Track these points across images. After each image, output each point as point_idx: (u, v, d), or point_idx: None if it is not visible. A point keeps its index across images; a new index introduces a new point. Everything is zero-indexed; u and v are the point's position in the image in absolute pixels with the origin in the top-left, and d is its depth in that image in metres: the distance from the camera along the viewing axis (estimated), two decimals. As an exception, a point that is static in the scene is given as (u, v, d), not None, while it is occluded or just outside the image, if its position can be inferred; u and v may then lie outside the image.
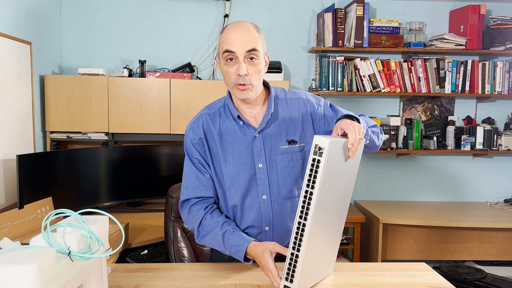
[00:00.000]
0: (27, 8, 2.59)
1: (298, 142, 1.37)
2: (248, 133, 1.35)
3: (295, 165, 1.37)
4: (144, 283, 1.21)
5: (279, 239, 1.40)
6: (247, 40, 1.24)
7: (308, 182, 1.03)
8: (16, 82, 2.46)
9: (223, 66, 1.29)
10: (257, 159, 1.35)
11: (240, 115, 1.35)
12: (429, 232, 2.96)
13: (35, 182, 2.37)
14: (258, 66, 1.28)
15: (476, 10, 3.11)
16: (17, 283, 0.76)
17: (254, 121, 1.37)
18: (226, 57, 1.26)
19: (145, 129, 2.88)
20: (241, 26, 1.27)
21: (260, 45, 1.28)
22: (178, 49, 3.20)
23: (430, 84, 3.18)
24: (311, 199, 1.03)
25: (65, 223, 0.95)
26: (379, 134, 1.40)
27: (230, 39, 1.25)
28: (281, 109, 1.38)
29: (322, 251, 1.19)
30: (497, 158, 3.46)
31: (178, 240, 1.72)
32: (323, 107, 1.42)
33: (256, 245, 1.25)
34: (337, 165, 1.09)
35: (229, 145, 1.36)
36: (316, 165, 1.02)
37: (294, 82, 3.30)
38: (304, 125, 1.39)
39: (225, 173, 1.37)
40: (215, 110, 1.40)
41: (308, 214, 1.04)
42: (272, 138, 1.36)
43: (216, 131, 1.37)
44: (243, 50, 1.24)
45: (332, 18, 3.06)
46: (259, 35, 1.29)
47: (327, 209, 1.12)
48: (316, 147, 1.02)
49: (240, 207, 1.38)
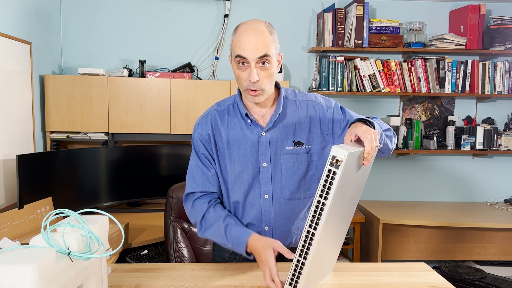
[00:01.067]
0: (27, 8, 2.59)
1: (305, 144, 1.37)
2: (255, 132, 1.36)
3: (299, 166, 1.37)
4: (144, 283, 1.21)
5: (278, 239, 1.39)
6: (259, 45, 1.23)
7: (321, 193, 1.01)
8: (16, 82, 2.46)
9: (236, 69, 1.29)
10: (262, 158, 1.35)
11: (248, 113, 1.36)
12: (429, 232, 2.96)
13: (35, 182, 2.37)
14: (270, 70, 1.27)
15: (476, 10, 3.11)
16: (17, 283, 0.76)
17: (262, 120, 1.37)
18: (238, 61, 1.26)
19: (145, 129, 2.88)
20: (254, 30, 1.24)
21: (272, 48, 1.26)
22: (178, 49, 3.20)
23: (430, 84, 3.18)
24: (323, 209, 1.01)
25: (65, 223, 0.95)
26: (392, 138, 1.37)
27: (242, 44, 1.24)
28: (289, 110, 1.38)
29: (326, 254, 1.19)
30: (497, 158, 3.46)
31: (178, 240, 1.72)
32: (333, 109, 1.41)
33: (259, 239, 1.25)
34: (351, 174, 1.07)
35: (235, 142, 1.36)
36: (332, 176, 0.99)
37: (294, 82, 3.30)
38: (311, 127, 1.38)
39: (229, 170, 1.37)
40: (225, 107, 1.41)
41: (319, 224, 1.02)
42: (279, 138, 1.36)
43: (224, 128, 1.38)
44: (255, 56, 1.23)
45: (332, 18, 3.06)
46: (271, 38, 1.27)
47: (336, 216, 1.11)
48: (333, 159, 0.98)
49: (241, 205, 1.38)
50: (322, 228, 1.02)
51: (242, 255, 1.42)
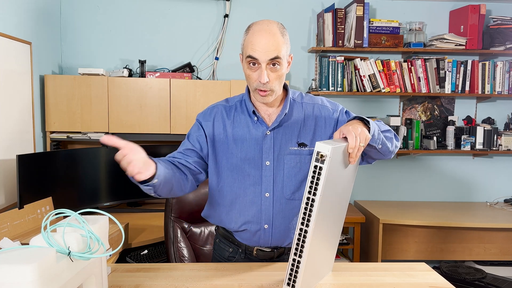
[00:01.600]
0: (27, 8, 2.59)
1: (309, 145, 1.38)
2: (260, 129, 1.37)
3: (302, 167, 1.37)
4: (144, 283, 1.21)
5: (279, 238, 1.40)
6: (271, 47, 1.24)
7: (310, 189, 1.03)
8: (16, 82, 2.46)
9: (246, 69, 1.30)
10: (265, 157, 1.36)
11: (255, 111, 1.37)
12: (429, 232, 2.96)
13: (35, 182, 2.37)
14: (280, 71, 1.28)
15: (476, 10, 3.11)
16: (17, 283, 0.76)
17: (268, 118, 1.39)
18: (249, 61, 1.27)
19: (145, 129, 2.88)
20: (266, 31, 1.25)
21: (283, 50, 1.27)
22: (178, 49, 3.20)
23: (430, 84, 3.18)
24: (313, 206, 1.03)
25: (65, 223, 0.95)
26: (393, 140, 1.37)
27: (254, 45, 1.24)
28: (295, 112, 1.40)
29: (322, 253, 1.19)
30: (497, 158, 3.46)
31: (178, 240, 1.72)
32: (339, 113, 1.42)
33: None
34: (338, 170, 1.09)
35: (240, 139, 1.38)
36: (318, 172, 1.01)
37: (294, 82, 3.30)
38: (316, 129, 1.39)
39: (231, 164, 1.38)
40: (233, 103, 1.43)
41: (310, 221, 1.04)
42: (283, 138, 1.37)
43: (230, 123, 1.40)
44: (266, 58, 1.24)
45: (332, 18, 3.06)
46: (283, 39, 1.27)
47: (328, 213, 1.12)
48: (318, 154, 1.01)
49: (241, 201, 1.39)
50: (314, 224, 1.04)
51: (241, 254, 1.44)
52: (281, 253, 1.43)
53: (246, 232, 1.40)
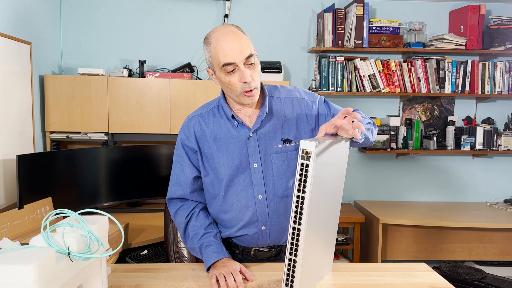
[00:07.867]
0: (27, 8, 2.59)
1: (293, 141, 1.38)
2: (242, 133, 1.36)
3: (290, 164, 1.37)
4: (144, 283, 1.21)
5: (276, 237, 1.41)
6: (242, 46, 1.24)
7: (298, 187, 1.03)
8: (16, 82, 2.46)
9: (224, 77, 1.28)
10: (252, 159, 1.35)
11: (234, 115, 1.35)
12: (429, 232, 2.96)
13: (34, 182, 2.37)
14: (257, 67, 1.30)
15: (476, 10, 3.11)
16: (17, 283, 0.76)
17: (248, 120, 1.37)
18: (225, 69, 1.26)
19: (145, 129, 2.88)
20: (231, 34, 1.26)
21: (252, 47, 1.29)
22: (178, 49, 3.20)
23: (430, 84, 3.18)
24: (303, 203, 1.03)
25: (65, 223, 0.95)
26: (373, 130, 1.39)
27: (226, 51, 1.24)
28: (275, 108, 1.39)
29: (319, 251, 1.19)
30: (497, 158, 3.46)
31: (178, 240, 1.72)
32: (318, 104, 1.42)
33: (226, 264, 1.27)
34: (326, 165, 1.09)
35: (223, 146, 1.36)
36: (305, 169, 1.01)
37: (294, 82, 3.30)
38: (298, 124, 1.39)
39: (220, 174, 1.37)
40: (208, 109, 1.42)
41: (302, 219, 1.04)
42: (267, 138, 1.36)
43: (210, 132, 1.38)
44: (242, 58, 1.24)
45: (332, 18, 3.06)
46: (246, 36, 1.29)
47: (320, 210, 1.12)
48: (303, 152, 1.01)
49: (236, 207, 1.38)
50: (306, 222, 1.04)
51: (238, 255, 1.45)
52: (279, 251, 1.43)
53: (244, 236, 1.40)
